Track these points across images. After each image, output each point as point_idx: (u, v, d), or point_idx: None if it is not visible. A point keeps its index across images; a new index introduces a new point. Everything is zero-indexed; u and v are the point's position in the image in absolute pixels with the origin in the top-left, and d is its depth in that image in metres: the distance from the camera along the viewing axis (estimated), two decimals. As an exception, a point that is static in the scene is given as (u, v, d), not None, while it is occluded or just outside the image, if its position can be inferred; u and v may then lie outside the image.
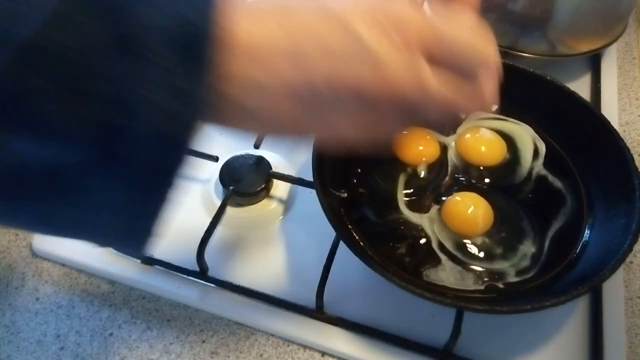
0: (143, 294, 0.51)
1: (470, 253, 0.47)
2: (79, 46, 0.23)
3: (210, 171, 0.58)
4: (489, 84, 0.37)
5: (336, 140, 0.34)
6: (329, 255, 0.47)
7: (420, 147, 0.54)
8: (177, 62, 0.25)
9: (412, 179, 0.52)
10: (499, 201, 0.49)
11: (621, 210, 0.46)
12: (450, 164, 0.53)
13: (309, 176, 0.49)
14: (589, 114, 0.52)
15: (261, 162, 0.56)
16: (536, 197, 0.51)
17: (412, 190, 0.51)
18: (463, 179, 0.52)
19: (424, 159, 0.53)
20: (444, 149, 0.54)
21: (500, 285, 0.45)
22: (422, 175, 0.52)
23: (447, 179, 0.52)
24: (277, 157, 0.58)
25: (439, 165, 0.53)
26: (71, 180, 0.26)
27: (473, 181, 0.52)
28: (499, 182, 0.52)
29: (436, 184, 0.52)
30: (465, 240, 0.47)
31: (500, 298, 0.45)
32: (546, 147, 0.54)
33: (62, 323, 0.49)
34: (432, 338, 0.45)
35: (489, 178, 0.52)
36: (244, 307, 0.48)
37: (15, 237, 0.55)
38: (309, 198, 0.54)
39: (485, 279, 0.45)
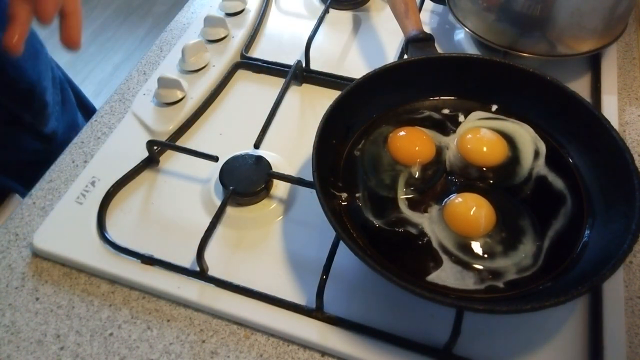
0: (143, 294, 0.51)
1: (471, 253, 0.47)
2: None
3: (210, 171, 0.58)
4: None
5: None
6: (329, 255, 0.47)
7: (416, 147, 0.54)
8: None
9: (413, 179, 0.52)
10: (499, 201, 0.49)
11: (621, 210, 0.46)
12: (449, 163, 0.53)
13: (309, 176, 0.49)
14: (589, 114, 0.52)
15: (261, 162, 0.56)
16: (536, 197, 0.51)
17: (412, 189, 0.51)
18: (462, 179, 0.52)
19: (418, 159, 0.53)
20: (441, 149, 0.54)
21: (501, 285, 0.45)
22: (416, 176, 0.52)
23: (446, 179, 0.52)
24: (277, 157, 0.58)
25: (437, 165, 0.53)
26: None
27: (473, 181, 0.52)
28: (499, 182, 0.52)
29: (436, 184, 0.52)
30: (466, 240, 0.47)
31: (500, 298, 0.45)
32: (546, 147, 0.54)
33: (62, 323, 0.49)
34: (432, 338, 0.45)
35: (489, 178, 0.52)
36: (244, 307, 0.48)
37: (15, 237, 0.55)
38: (309, 198, 0.55)
39: (486, 279, 0.45)
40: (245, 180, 0.55)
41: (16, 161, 0.71)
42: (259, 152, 0.58)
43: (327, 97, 0.55)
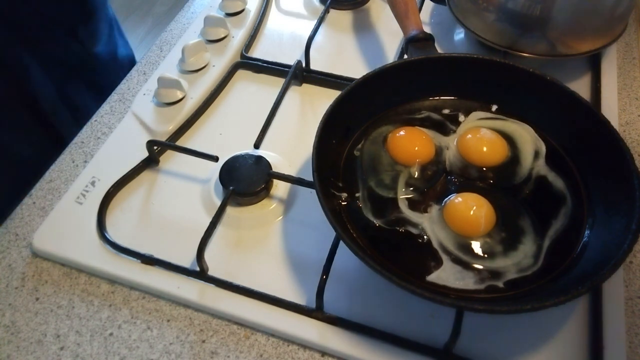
0: (143, 294, 0.51)
1: (471, 252, 0.47)
2: None
3: (210, 171, 0.58)
4: None
5: None
6: (329, 255, 0.47)
7: (415, 148, 0.54)
8: None
9: (413, 179, 0.52)
10: (499, 201, 0.49)
11: (621, 210, 0.46)
12: (449, 163, 0.53)
13: (309, 176, 0.49)
14: (589, 114, 0.52)
15: (261, 162, 0.56)
16: (536, 197, 0.51)
17: (412, 189, 0.51)
18: (462, 179, 0.52)
19: (418, 159, 0.53)
20: (441, 149, 0.54)
21: (501, 285, 0.45)
22: (416, 176, 0.52)
23: (446, 179, 0.52)
24: (277, 157, 0.58)
25: (437, 165, 0.53)
26: None
27: (473, 181, 0.52)
28: (499, 182, 0.52)
29: (436, 184, 0.52)
30: (466, 240, 0.47)
31: (500, 298, 0.45)
32: (546, 147, 0.54)
33: (62, 323, 0.49)
34: (432, 338, 0.45)
35: (489, 178, 0.52)
36: (244, 307, 0.48)
37: (15, 237, 0.55)
38: (309, 198, 0.55)
39: (486, 279, 0.45)
40: (245, 180, 0.55)
41: (60, 62, 0.79)
42: (259, 152, 0.58)
43: (327, 97, 0.55)
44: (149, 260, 0.51)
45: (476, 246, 0.47)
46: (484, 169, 0.53)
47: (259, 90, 0.68)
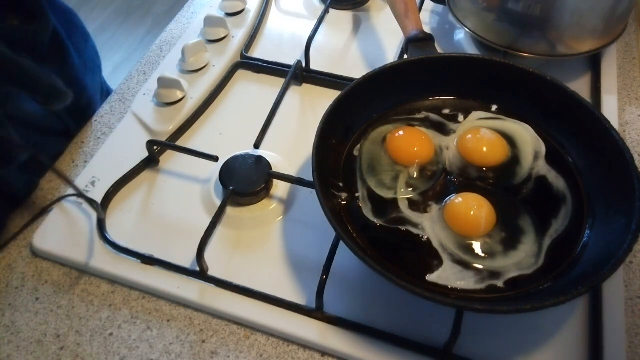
0: (143, 294, 0.51)
1: (472, 252, 0.47)
2: None
3: (210, 171, 0.58)
4: None
5: None
6: (329, 255, 0.47)
7: (414, 148, 0.54)
8: None
9: (413, 179, 0.52)
10: (499, 201, 0.49)
11: (621, 210, 0.46)
12: (449, 163, 0.53)
13: (309, 176, 0.49)
14: (589, 114, 0.52)
15: (261, 162, 0.56)
16: (536, 197, 0.51)
17: (412, 190, 0.51)
18: (462, 179, 0.52)
19: (417, 159, 0.53)
20: (441, 149, 0.54)
21: (501, 285, 0.45)
22: (415, 176, 0.52)
23: (446, 179, 0.52)
24: (277, 157, 0.58)
25: (436, 165, 0.53)
26: None
27: (473, 181, 0.52)
28: (499, 182, 0.52)
29: (436, 184, 0.52)
30: (466, 240, 0.47)
31: (500, 298, 0.45)
32: (546, 147, 0.54)
33: (62, 323, 0.49)
34: (432, 338, 0.45)
35: (489, 178, 0.52)
36: (244, 307, 0.48)
37: (15, 237, 0.55)
38: (309, 198, 0.55)
39: (486, 279, 0.45)
40: (245, 180, 0.55)
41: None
42: (259, 152, 0.58)
43: (327, 97, 0.55)
44: (149, 260, 0.51)
45: (476, 246, 0.47)
46: (484, 169, 0.53)
47: (259, 90, 0.68)
